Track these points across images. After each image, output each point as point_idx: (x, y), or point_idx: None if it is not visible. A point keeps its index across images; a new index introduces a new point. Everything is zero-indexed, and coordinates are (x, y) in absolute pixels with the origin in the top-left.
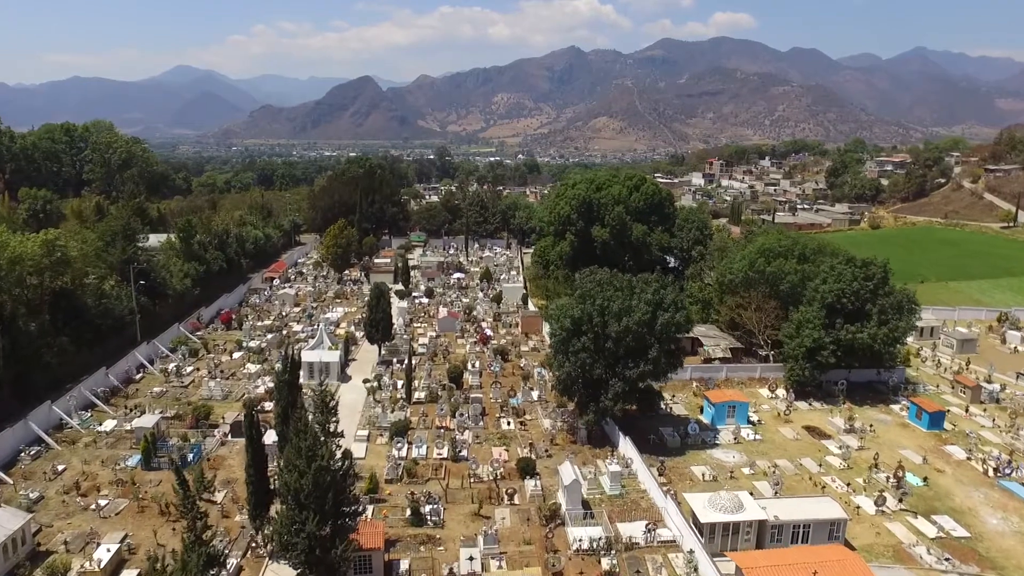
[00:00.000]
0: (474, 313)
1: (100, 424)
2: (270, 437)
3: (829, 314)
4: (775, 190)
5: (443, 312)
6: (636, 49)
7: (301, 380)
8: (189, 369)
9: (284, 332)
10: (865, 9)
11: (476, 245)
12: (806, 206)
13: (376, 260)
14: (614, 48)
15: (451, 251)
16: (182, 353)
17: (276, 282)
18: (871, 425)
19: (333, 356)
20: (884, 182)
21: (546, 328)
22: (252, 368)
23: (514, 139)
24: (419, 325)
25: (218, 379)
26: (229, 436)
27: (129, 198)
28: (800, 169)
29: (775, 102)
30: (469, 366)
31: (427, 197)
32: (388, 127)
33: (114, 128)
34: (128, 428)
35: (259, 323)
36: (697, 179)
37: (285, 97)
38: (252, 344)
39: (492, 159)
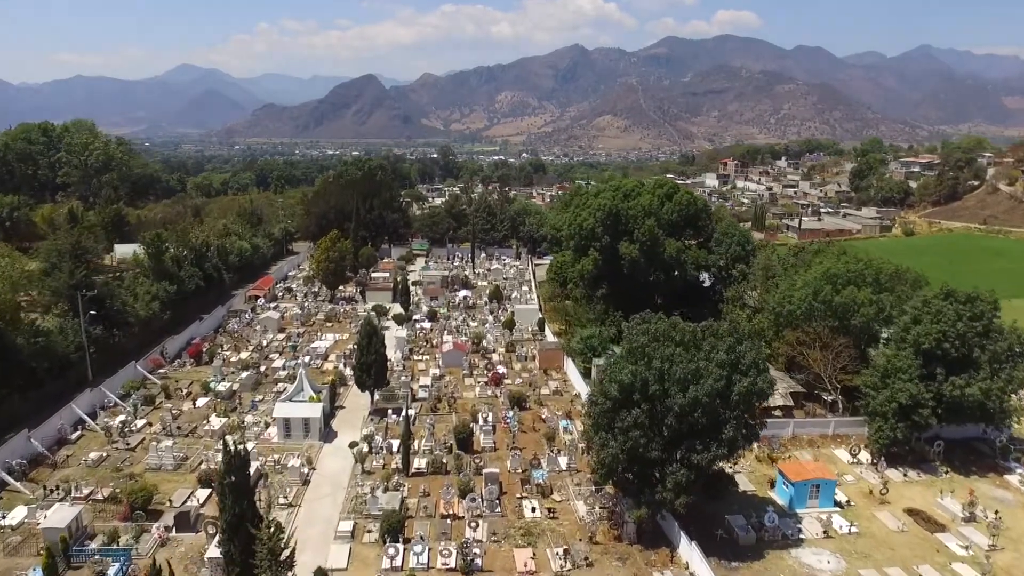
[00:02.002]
0: (484, 343)
1: (6, 515)
2: (214, 551)
3: (926, 362)
4: (795, 192)
5: (448, 343)
6: (640, 47)
7: (276, 439)
8: (140, 423)
9: (262, 369)
10: (869, 7)
11: (483, 255)
12: (830, 209)
13: (374, 274)
14: (618, 46)
15: (456, 262)
16: (134, 402)
17: (261, 301)
18: (996, 512)
19: (314, 410)
20: (912, 184)
21: (576, 379)
22: (215, 423)
23: (518, 137)
24: (420, 358)
25: (174, 437)
26: (173, 530)
27: (106, 204)
28: (819, 170)
29: (780, 100)
30: (480, 419)
31: (430, 200)
32: (391, 126)
33: (95, 128)
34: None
35: (234, 356)
36: (711, 180)
37: (288, 96)
38: (221, 387)
39: (496, 158)
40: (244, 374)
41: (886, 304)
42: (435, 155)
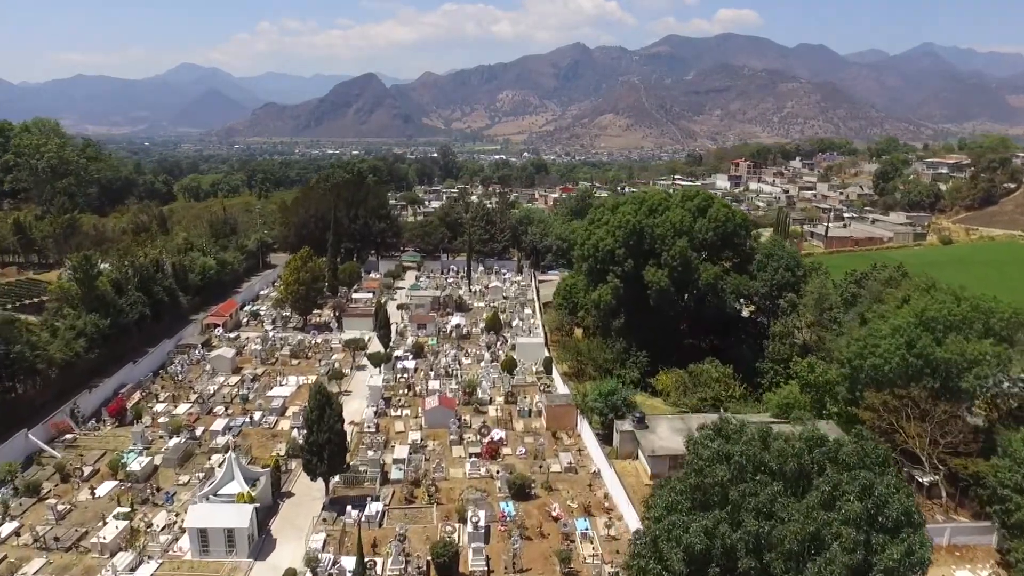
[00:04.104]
0: (478, 393)
1: None
2: None
3: None
4: (813, 195)
5: (433, 397)
6: (642, 46)
7: (188, 556)
8: (8, 529)
9: (197, 433)
10: (871, 5)
11: (480, 268)
12: (854, 214)
13: (355, 295)
14: (620, 45)
15: (450, 277)
16: (4, 497)
17: (219, 331)
18: None
19: (241, 516)
20: (942, 187)
21: (593, 446)
22: (112, 528)
23: (519, 136)
24: (398, 413)
25: (48, 554)
26: None
27: (59, 212)
28: (836, 171)
29: (783, 99)
30: (470, 521)
31: (427, 203)
32: (392, 124)
33: (59, 128)
34: None
35: (169, 413)
36: (721, 181)
37: (289, 95)
38: (136, 465)
39: (497, 157)
40: (172, 441)
41: (1005, 360)
42: (435, 154)
